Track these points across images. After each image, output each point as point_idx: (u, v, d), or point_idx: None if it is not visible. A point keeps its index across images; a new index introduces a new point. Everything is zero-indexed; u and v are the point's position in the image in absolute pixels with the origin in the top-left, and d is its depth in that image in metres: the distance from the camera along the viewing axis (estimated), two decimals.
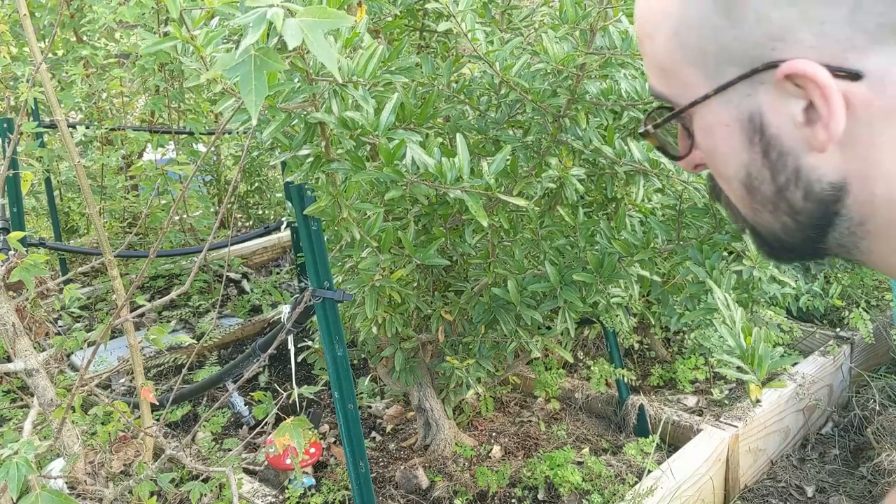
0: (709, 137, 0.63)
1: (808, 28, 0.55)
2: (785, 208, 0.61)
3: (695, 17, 0.59)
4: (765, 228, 0.65)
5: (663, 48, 0.62)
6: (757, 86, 0.58)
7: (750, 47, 0.57)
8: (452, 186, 0.99)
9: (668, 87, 0.63)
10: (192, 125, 2.86)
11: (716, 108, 0.61)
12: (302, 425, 1.36)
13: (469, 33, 1.09)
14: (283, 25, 0.65)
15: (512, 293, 1.28)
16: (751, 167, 0.61)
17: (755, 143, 0.60)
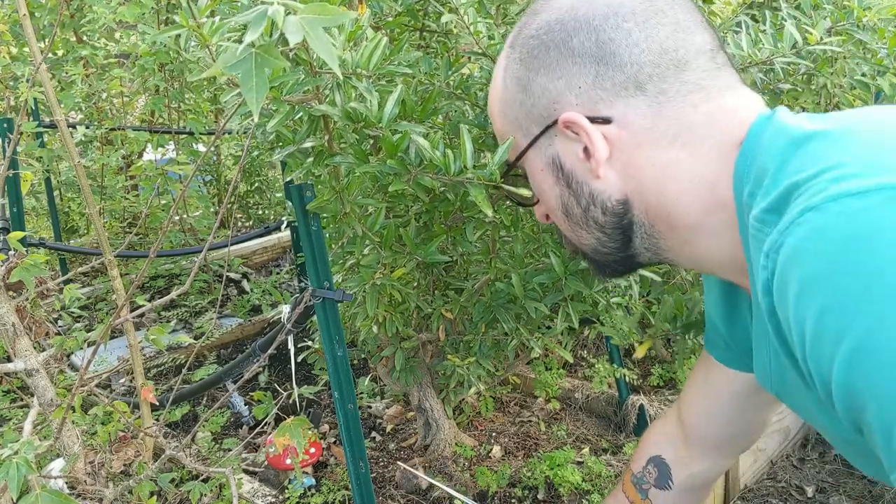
0: (535, 182, 0.86)
1: (571, 92, 0.79)
2: (593, 224, 0.83)
3: (508, 98, 0.84)
4: (588, 247, 0.86)
5: (499, 123, 0.87)
6: (552, 137, 0.82)
7: (542, 110, 0.81)
8: (456, 178, 1.00)
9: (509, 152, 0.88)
10: (192, 125, 2.86)
11: (532, 157, 0.84)
12: (302, 425, 1.36)
13: (471, 26, 1.09)
14: (284, 23, 0.65)
15: (516, 286, 1.28)
16: (562, 197, 0.83)
17: (560, 179, 0.83)
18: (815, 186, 0.62)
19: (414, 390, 1.83)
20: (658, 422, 1.20)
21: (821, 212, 0.59)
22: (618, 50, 0.76)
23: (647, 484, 1.13)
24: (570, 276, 1.24)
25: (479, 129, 1.22)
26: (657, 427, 1.19)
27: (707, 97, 0.76)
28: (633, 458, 1.19)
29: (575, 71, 0.78)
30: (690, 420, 1.10)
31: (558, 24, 0.78)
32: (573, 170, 0.81)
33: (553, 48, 0.78)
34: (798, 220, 0.60)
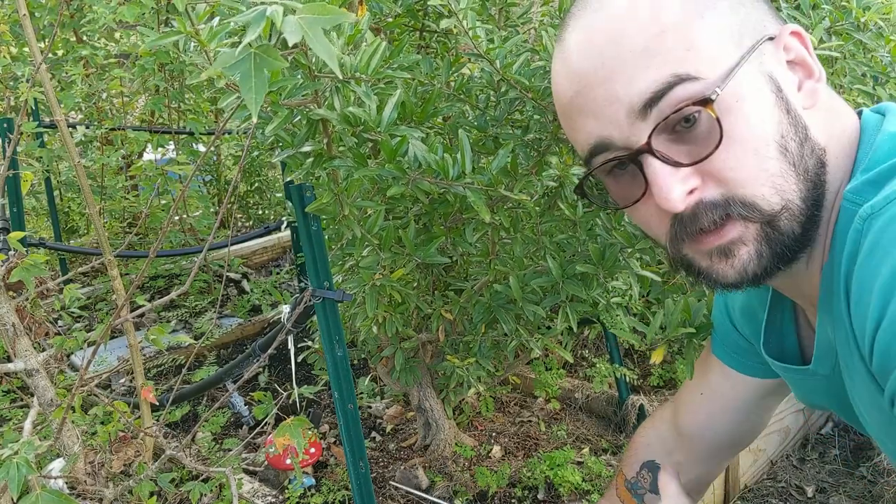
0: (741, 110, 0.68)
1: (767, 15, 0.72)
2: (803, 168, 0.69)
3: (712, 2, 0.69)
4: (787, 205, 0.69)
5: (690, 31, 0.68)
6: (761, 56, 0.70)
7: (754, 22, 0.70)
8: (455, 182, 0.99)
9: (696, 65, 0.68)
10: (192, 125, 2.86)
11: (748, 73, 0.68)
12: (302, 425, 1.36)
13: (470, 30, 1.09)
14: (283, 23, 0.65)
15: (514, 289, 1.28)
16: (781, 124, 0.68)
17: (780, 100, 0.69)
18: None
19: (414, 390, 1.83)
20: (649, 424, 1.18)
21: None
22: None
23: (643, 489, 1.12)
24: (567, 279, 1.24)
25: (479, 132, 1.22)
26: (648, 430, 1.17)
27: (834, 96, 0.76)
28: (625, 462, 1.17)
29: (760, 1, 0.74)
30: (689, 426, 1.09)
31: None
32: (788, 95, 0.70)
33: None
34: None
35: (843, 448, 2.08)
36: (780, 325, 0.90)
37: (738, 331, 0.99)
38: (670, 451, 1.12)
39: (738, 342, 1.00)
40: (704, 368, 1.07)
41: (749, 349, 1.00)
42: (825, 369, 0.81)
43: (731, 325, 1.00)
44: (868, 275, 0.60)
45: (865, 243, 0.61)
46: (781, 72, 0.70)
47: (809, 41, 0.71)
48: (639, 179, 0.72)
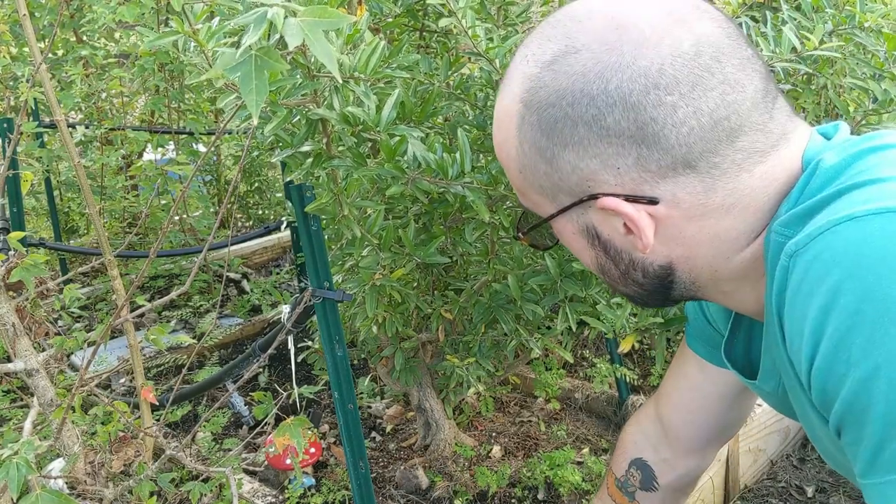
0: (564, 239, 0.80)
1: (608, 172, 0.70)
2: (632, 283, 0.78)
3: (529, 164, 0.73)
4: (623, 293, 0.82)
5: (515, 178, 0.77)
6: (586, 209, 0.74)
7: (573, 186, 0.72)
8: (454, 182, 0.99)
9: (527, 203, 0.80)
10: (192, 125, 2.86)
11: (562, 222, 0.77)
12: (302, 425, 1.36)
13: (469, 29, 1.09)
14: (284, 25, 0.65)
15: (513, 288, 1.28)
16: (598, 259, 0.78)
17: (596, 246, 0.76)
18: (857, 196, 0.61)
19: (414, 390, 1.83)
20: (633, 422, 1.18)
21: (861, 223, 0.58)
22: (662, 131, 0.66)
23: (633, 487, 1.13)
24: (565, 279, 1.24)
25: (479, 130, 1.22)
26: (633, 428, 1.17)
27: (763, 157, 0.69)
28: (613, 461, 1.17)
29: (612, 152, 0.68)
30: (673, 421, 1.09)
31: (585, 97, 0.66)
32: (611, 240, 0.75)
33: (582, 125, 0.67)
34: (836, 228, 0.60)
35: None
36: (747, 331, 0.91)
37: (712, 324, 0.99)
38: (657, 448, 1.12)
39: (713, 335, 1.00)
40: (682, 362, 1.07)
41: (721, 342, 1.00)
42: (770, 387, 0.84)
43: (704, 318, 1.01)
44: (798, 314, 0.62)
45: (792, 281, 0.62)
46: (606, 222, 0.73)
47: (634, 214, 0.70)
48: None
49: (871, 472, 0.59)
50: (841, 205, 0.62)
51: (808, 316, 0.60)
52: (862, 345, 0.56)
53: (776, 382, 0.83)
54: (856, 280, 0.57)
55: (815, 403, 0.65)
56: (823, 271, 0.59)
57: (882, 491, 0.59)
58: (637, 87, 0.65)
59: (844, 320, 0.57)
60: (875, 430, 0.57)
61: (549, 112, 0.69)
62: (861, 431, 0.59)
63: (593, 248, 0.77)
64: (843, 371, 0.58)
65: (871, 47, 1.32)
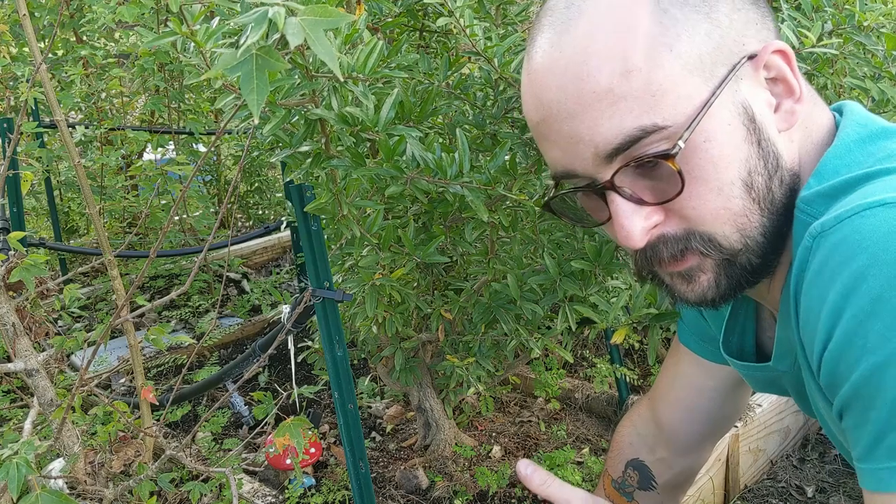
0: (707, 151, 0.66)
1: (752, 27, 0.68)
2: (769, 203, 0.68)
3: (684, 32, 0.65)
4: (746, 241, 0.69)
5: (657, 70, 0.64)
6: (738, 81, 0.67)
7: (731, 44, 0.66)
8: (453, 182, 0.99)
9: (661, 112, 0.65)
10: (192, 125, 2.86)
11: (718, 109, 0.65)
12: (302, 425, 1.36)
13: (467, 28, 1.09)
14: (285, 24, 0.65)
15: (512, 288, 1.28)
16: (750, 161, 0.67)
17: (752, 133, 0.67)
18: (890, 182, 0.61)
19: (414, 390, 1.83)
20: (627, 423, 1.18)
21: (893, 210, 0.57)
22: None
23: (631, 487, 1.13)
24: (564, 278, 1.24)
25: (478, 130, 1.22)
26: (628, 427, 1.17)
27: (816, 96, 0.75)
28: (609, 462, 1.16)
29: (748, 5, 0.69)
30: (669, 419, 1.09)
31: None
32: (763, 122, 0.68)
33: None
34: (865, 213, 0.59)
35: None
36: (742, 322, 0.91)
37: (706, 319, 0.99)
38: (652, 448, 1.12)
39: (706, 330, 1.00)
40: (676, 359, 1.07)
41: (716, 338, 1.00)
42: (785, 366, 0.83)
43: (698, 313, 1.00)
44: (816, 296, 0.61)
45: (814, 262, 0.62)
46: (758, 94, 0.68)
47: (794, 57, 0.68)
48: (603, 206, 0.72)
49: (871, 458, 0.59)
50: (871, 189, 0.61)
51: (826, 298, 0.60)
52: (881, 331, 0.56)
53: (791, 360, 0.81)
54: (882, 266, 0.56)
55: (822, 385, 0.64)
56: (849, 255, 0.58)
57: (880, 477, 0.59)
58: None
59: (865, 306, 0.57)
60: (880, 417, 0.57)
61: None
62: (865, 416, 0.59)
63: (749, 141, 0.67)
64: (858, 355, 0.57)
65: (870, 46, 1.32)
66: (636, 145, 0.66)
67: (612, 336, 1.21)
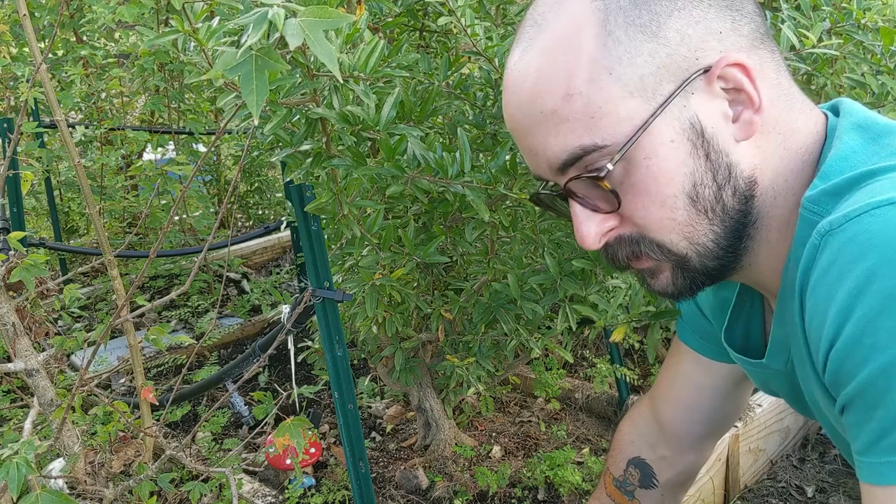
0: (648, 167, 0.68)
1: (713, 37, 0.67)
2: (719, 211, 0.70)
3: (626, 54, 0.66)
4: (696, 248, 0.72)
5: (596, 94, 0.67)
6: (688, 96, 0.67)
7: (680, 61, 0.67)
8: (454, 181, 0.99)
9: (601, 133, 0.68)
10: (192, 125, 2.86)
11: (660, 127, 0.67)
12: (302, 425, 1.36)
13: (468, 28, 1.09)
14: (285, 25, 0.65)
15: (512, 287, 1.28)
16: (696, 174, 0.69)
17: (698, 148, 0.68)
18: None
19: (414, 390, 1.83)
20: (628, 421, 1.18)
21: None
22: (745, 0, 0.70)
23: (632, 486, 1.13)
24: (564, 277, 1.24)
25: (478, 130, 1.22)
26: (629, 426, 1.17)
27: (803, 100, 0.74)
28: (610, 461, 1.17)
29: (712, 15, 0.68)
30: (670, 418, 1.09)
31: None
32: (715, 134, 0.68)
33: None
34: (875, 212, 0.59)
35: None
36: (747, 314, 0.91)
37: (706, 316, 0.99)
38: (654, 446, 1.12)
39: (706, 328, 1.00)
40: (676, 358, 1.07)
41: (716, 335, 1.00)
42: (778, 365, 0.83)
43: (698, 310, 1.00)
44: (824, 294, 0.61)
45: (821, 260, 0.62)
46: (712, 107, 0.68)
47: (753, 69, 0.67)
48: None
49: (872, 452, 0.60)
50: (878, 187, 0.62)
51: (835, 297, 0.60)
52: (891, 330, 0.56)
53: (785, 358, 0.81)
54: (893, 266, 0.56)
55: (826, 382, 0.65)
56: (859, 253, 0.58)
57: (881, 470, 0.59)
58: None
59: (875, 305, 0.57)
60: (887, 416, 0.57)
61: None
62: (870, 414, 0.59)
63: (695, 156, 0.68)
64: (866, 354, 0.58)
65: (868, 44, 1.32)
66: (581, 160, 0.70)
67: (611, 335, 1.21)
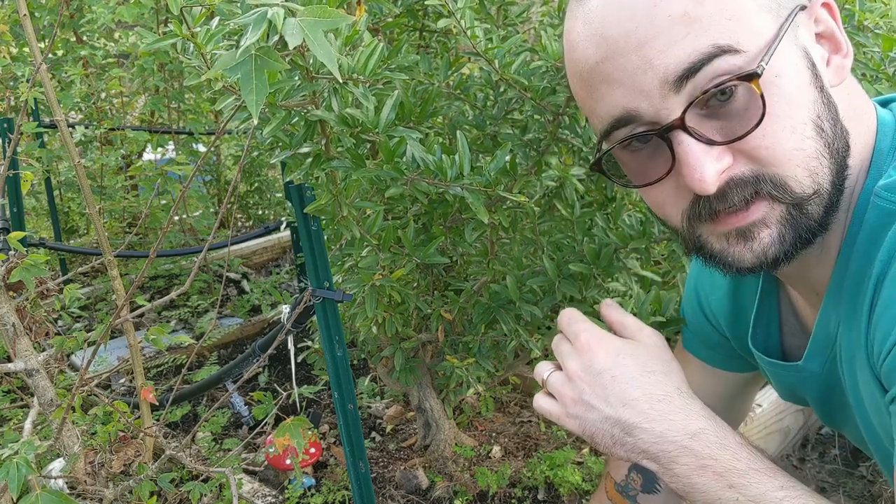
0: (780, 86, 0.63)
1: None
2: (836, 150, 0.66)
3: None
4: (816, 188, 0.66)
5: (731, 3, 0.63)
6: (796, 28, 0.66)
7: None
8: (453, 183, 0.99)
9: (737, 36, 0.63)
10: (191, 125, 2.86)
11: (786, 48, 0.64)
12: (302, 425, 1.36)
13: (468, 30, 1.09)
14: (284, 25, 0.65)
15: (511, 289, 1.28)
16: (817, 104, 0.65)
17: (815, 77, 0.65)
18: None
19: (414, 390, 1.83)
20: None
21: None
22: None
23: (634, 490, 1.12)
24: (563, 280, 1.24)
25: (478, 131, 1.22)
26: None
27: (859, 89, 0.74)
28: (611, 465, 1.15)
29: None
30: None
31: None
32: (820, 71, 0.67)
33: None
34: None
35: (843, 448, 2.08)
36: (767, 317, 0.89)
37: (713, 325, 0.98)
38: None
39: (712, 337, 0.99)
40: (684, 368, 1.07)
41: (723, 344, 0.99)
42: (816, 367, 0.80)
43: (704, 319, 0.99)
44: None
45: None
46: (813, 45, 0.67)
47: (838, 14, 0.68)
48: (662, 156, 0.68)
49: None
50: None
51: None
52: None
53: (824, 359, 0.79)
54: None
55: (883, 370, 0.64)
56: None
57: None
58: None
59: None
60: None
61: None
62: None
63: (814, 85, 0.66)
64: None
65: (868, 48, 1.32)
66: (709, 66, 0.63)
67: None
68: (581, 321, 0.80)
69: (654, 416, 0.73)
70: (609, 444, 0.77)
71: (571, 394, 0.77)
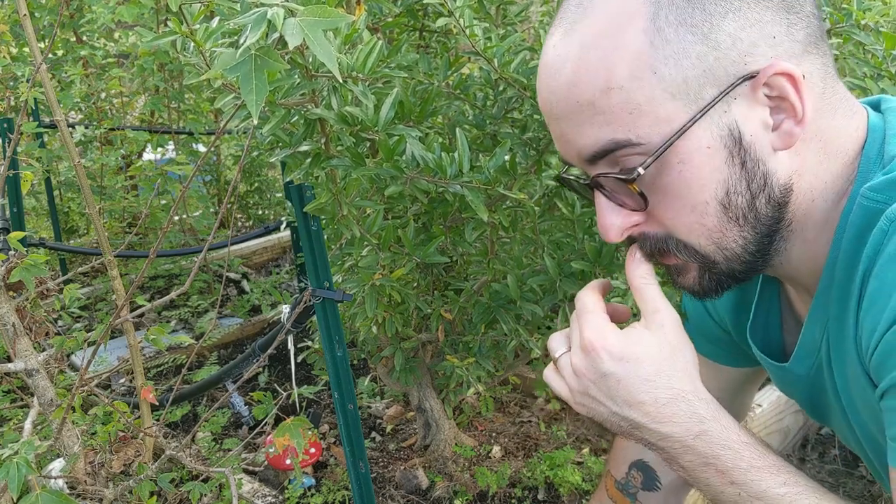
0: (681, 172, 0.67)
1: (766, 42, 0.65)
2: (751, 219, 0.69)
3: (673, 54, 0.64)
4: (724, 253, 0.72)
5: (637, 91, 0.65)
6: (731, 101, 0.65)
7: (728, 65, 0.65)
8: (452, 181, 0.99)
9: (636, 130, 0.67)
10: (191, 125, 2.86)
11: (697, 133, 0.66)
12: (302, 425, 1.36)
13: (467, 29, 1.09)
14: (284, 25, 0.65)
15: (512, 288, 1.28)
16: (730, 182, 0.67)
17: (735, 156, 0.67)
18: None
19: (414, 390, 1.83)
20: None
21: None
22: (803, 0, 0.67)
23: (634, 488, 1.13)
24: (564, 279, 1.24)
25: (478, 130, 1.22)
26: None
27: (847, 98, 0.73)
28: (612, 463, 1.16)
29: (769, 17, 0.65)
30: None
31: None
32: (753, 143, 0.67)
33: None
34: None
35: (842, 448, 2.08)
36: (766, 314, 0.91)
37: (715, 319, 0.99)
38: None
39: (714, 331, 1.00)
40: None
41: (725, 339, 1.00)
42: (802, 369, 0.83)
43: (706, 313, 1.00)
44: (891, 277, 0.62)
45: (890, 244, 0.62)
46: (753, 114, 0.67)
47: (801, 79, 0.66)
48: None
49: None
50: None
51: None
52: None
53: (811, 363, 0.81)
54: None
55: (871, 365, 0.65)
56: None
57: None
58: None
59: None
60: None
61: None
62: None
63: (731, 164, 0.67)
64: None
65: (869, 46, 1.32)
66: (613, 154, 0.69)
67: None
68: (589, 312, 0.79)
69: (659, 419, 0.75)
70: (618, 431, 0.80)
71: (578, 387, 0.78)
